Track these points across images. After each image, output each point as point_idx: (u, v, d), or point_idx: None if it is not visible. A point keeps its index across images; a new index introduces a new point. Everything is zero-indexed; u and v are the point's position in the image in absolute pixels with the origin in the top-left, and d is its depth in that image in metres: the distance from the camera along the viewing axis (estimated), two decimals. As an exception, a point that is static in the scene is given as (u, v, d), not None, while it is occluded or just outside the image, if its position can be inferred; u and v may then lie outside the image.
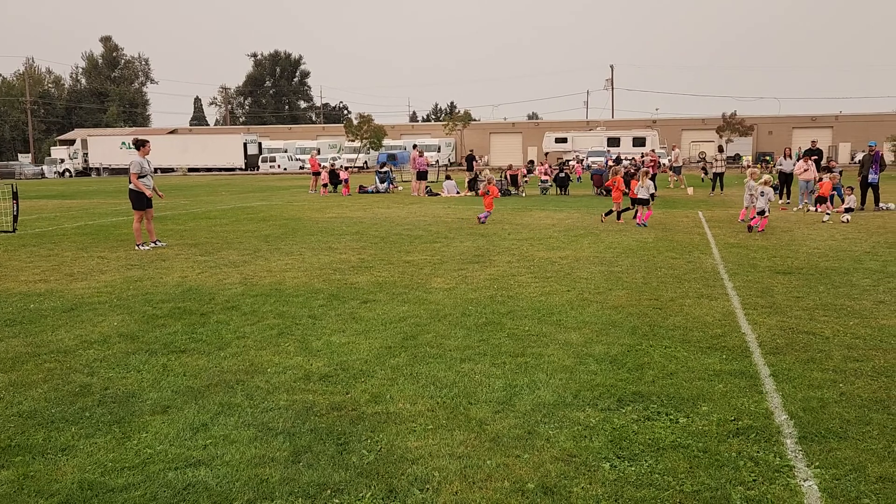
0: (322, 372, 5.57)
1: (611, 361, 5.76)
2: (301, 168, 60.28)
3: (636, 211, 16.48)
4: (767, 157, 51.90)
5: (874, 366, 5.57)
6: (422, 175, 27.34)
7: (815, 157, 22.00)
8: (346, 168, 32.57)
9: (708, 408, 4.73)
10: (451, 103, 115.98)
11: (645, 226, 15.71)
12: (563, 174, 28.77)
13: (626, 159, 39.67)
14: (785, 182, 21.27)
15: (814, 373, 5.41)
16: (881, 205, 19.40)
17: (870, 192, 19.59)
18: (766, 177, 15.99)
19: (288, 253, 12.00)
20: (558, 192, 27.96)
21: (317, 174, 30.38)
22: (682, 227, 15.48)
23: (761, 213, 14.81)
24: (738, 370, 5.50)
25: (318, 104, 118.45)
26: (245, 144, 66.00)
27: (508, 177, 28.18)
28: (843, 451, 4.04)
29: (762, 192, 15.03)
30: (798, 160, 22.83)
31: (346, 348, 6.21)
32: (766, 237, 13.64)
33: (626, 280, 9.25)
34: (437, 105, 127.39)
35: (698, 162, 63.01)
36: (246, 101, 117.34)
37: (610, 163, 27.53)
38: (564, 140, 62.09)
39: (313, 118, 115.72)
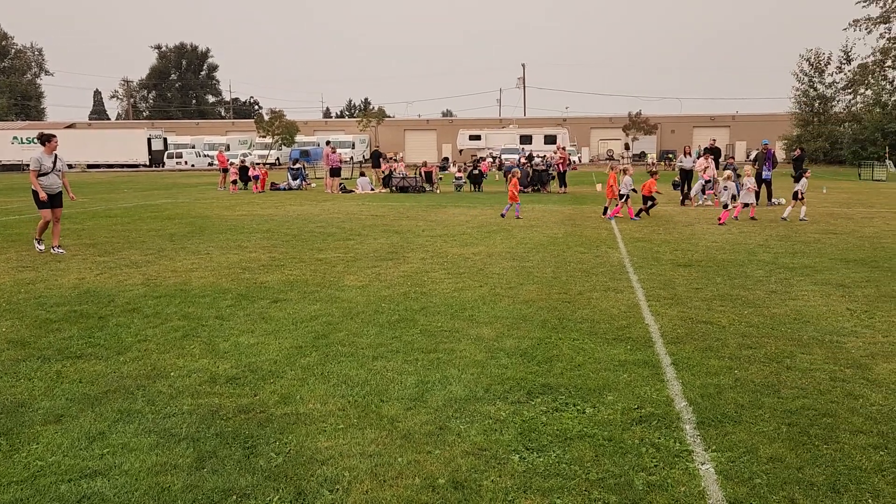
0: (229, 374, 5.41)
1: (521, 355, 5.85)
2: (210, 165, 58.45)
3: (615, 205, 17.18)
4: (670, 155, 54.14)
5: (766, 352, 5.88)
6: (335, 172, 27.02)
7: (714, 155, 23.11)
8: (258, 165, 31.77)
9: (613, 397, 4.88)
10: (366, 100, 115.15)
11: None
12: (476, 171, 29.05)
13: (536, 156, 40.49)
14: (685, 179, 22.18)
15: (711, 360, 5.67)
16: (773, 200, 20.56)
17: (763, 188, 20.70)
18: (727, 172, 17.15)
19: (194, 252, 11.60)
20: (472, 188, 28.23)
21: (226, 171, 29.51)
22: (590, 223, 15.93)
23: (725, 206, 16.07)
24: (641, 360, 5.70)
25: (228, 99, 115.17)
26: (149, 140, 63.42)
27: (423, 174, 28.22)
28: (738, 434, 4.25)
29: (724, 186, 16.37)
30: (698, 158, 23.91)
31: (254, 349, 6.05)
32: (668, 232, 14.20)
33: (536, 275, 9.42)
34: (351, 101, 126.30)
35: (607, 159, 65.03)
36: (150, 95, 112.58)
37: (519, 163, 28.04)
38: (478, 138, 62.81)
39: (222, 113, 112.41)
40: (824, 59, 54.34)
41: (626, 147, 29.18)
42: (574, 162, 52.98)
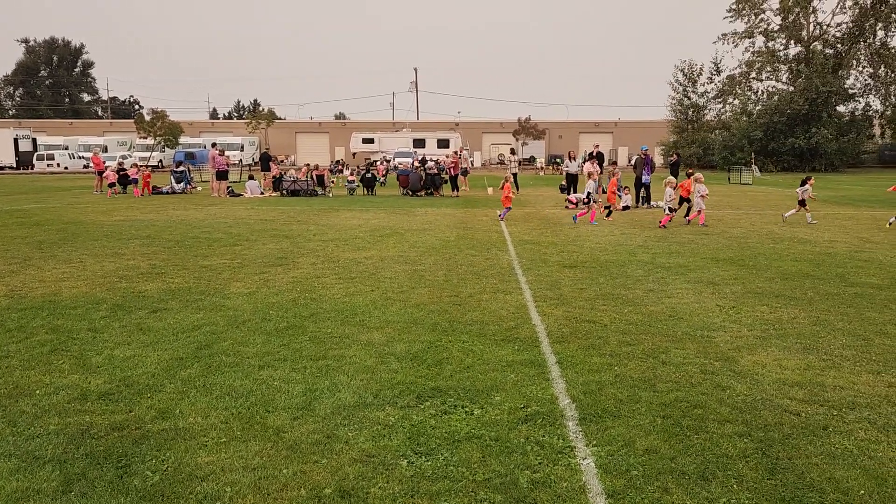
0: (102, 390, 5.10)
1: (412, 359, 5.86)
2: (85, 167, 55.08)
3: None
4: (557, 160, 55.96)
5: (644, 348, 6.17)
6: (222, 175, 26.12)
7: (598, 160, 24.08)
8: (138, 167, 30.23)
9: (501, 397, 4.96)
10: (255, 101, 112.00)
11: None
12: (369, 175, 28.91)
13: (430, 160, 40.81)
14: (571, 182, 22.97)
15: (593, 358, 5.88)
16: (652, 203, 21.65)
17: (643, 191, 21.76)
18: (697, 174, 17.53)
19: (66, 260, 10.88)
20: (365, 192, 28.07)
21: (102, 173, 27.91)
22: (482, 226, 16.19)
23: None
24: (528, 360, 5.83)
25: (105, 98, 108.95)
26: (16, 140, 59.01)
27: (314, 177, 27.78)
28: (617, 428, 4.42)
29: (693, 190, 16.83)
30: (584, 162, 24.84)
31: (130, 362, 5.74)
32: (555, 234, 14.65)
33: (428, 278, 9.47)
34: (239, 102, 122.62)
35: (498, 163, 66.39)
36: (16, 92, 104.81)
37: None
38: (371, 141, 62.55)
39: (99, 113, 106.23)
40: (697, 70, 57.84)
41: (513, 151, 29.85)
42: (466, 165, 53.85)
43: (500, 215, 17.62)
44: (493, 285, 9.00)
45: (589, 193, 17.72)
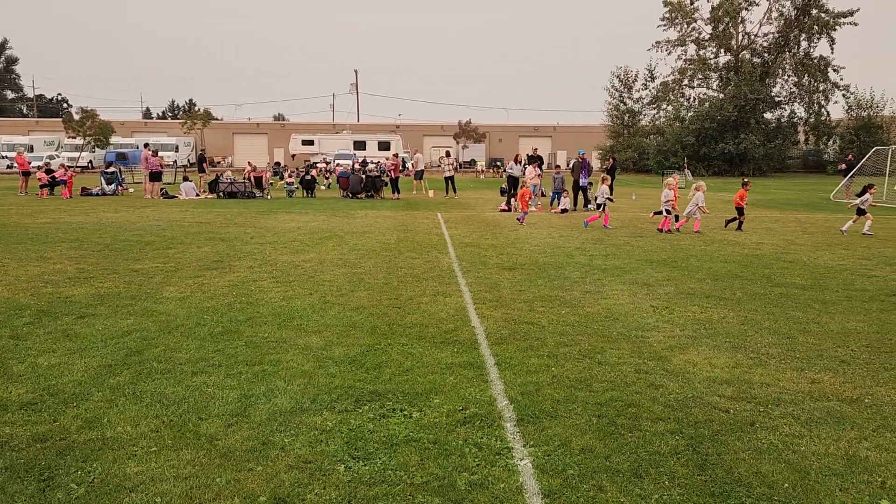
0: (24, 400, 4.87)
1: (350, 362, 5.80)
2: (9, 167, 52.69)
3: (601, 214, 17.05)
4: (498, 163, 56.50)
5: (580, 349, 6.27)
6: (155, 176, 25.39)
7: (538, 163, 24.39)
8: (66, 167, 29.08)
9: (440, 400, 4.96)
10: (190, 100, 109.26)
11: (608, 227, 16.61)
12: (308, 176, 28.56)
13: (371, 162, 40.60)
14: (513, 186, 23.18)
15: (531, 359, 5.94)
16: (590, 206, 22.05)
17: (581, 194, 22.16)
18: (670, 179, 17.34)
19: (-13, 264, 10.37)
20: (304, 194, 27.72)
21: (26, 174, 26.76)
22: (423, 229, 16.20)
23: (668, 212, 16.22)
24: (467, 362, 5.85)
25: (31, 96, 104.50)
26: (-68, 138, 56.03)
27: (252, 179, 27.29)
28: (554, 428, 4.48)
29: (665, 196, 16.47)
30: (525, 166, 25.10)
31: (55, 370, 5.51)
32: (495, 236, 14.77)
33: (368, 281, 9.41)
34: (174, 102, 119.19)
35: (438, 166, 66.50)
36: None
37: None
38: (311, 142, 61.78)
39: (25, 111, 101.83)
40: (632, 76, 59.29)
41: (448, 154, 29.91)
42: (408, 167, 53.80)
43: (518, 219, 17.48)
44: (434, 288, 9.00)
45: (597, 197, 17.36)
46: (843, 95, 55.34)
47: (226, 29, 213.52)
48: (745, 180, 17.94)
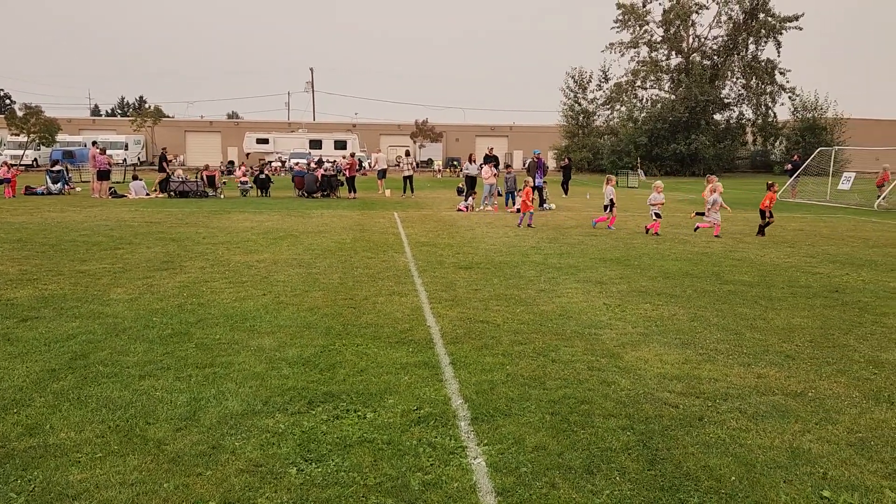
0: (-40, 407, 4.69)
1: (304, 364, 5.74)
2: (-52, 165, 50.69)
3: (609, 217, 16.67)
4: (455, 162, 56.61)
5: (535, 347, 6.32)
6: (103, 175, 24.74)
7: (494, 163, 24.51)
8: (9, 165, 28.12)
9: (394, 400, 4.94)
10: (140, 97, 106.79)
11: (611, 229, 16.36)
12: (263, 175, 28.17)
13: (327, 161, 40.27)
14: (470, 185, 23.28)
15: (486, 358, 5.96)
16: (545, 205, 22.26)
17: (535, 193, 22.34)
18: (658, 182, 16.64)
19: (-78, 266, 9.96)
20: (259, 193, 27.34)
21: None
22: (379, 228, 16.12)
23: (658, 215, 15.62)
24: (422, 361, 5.84)
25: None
26: None
27: (205, 178, 26.80)
28: (508, 427, 4.50)
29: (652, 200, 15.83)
30: (483, 165, 25.20)
31: (-5, 376, 5.31)
32: (451, 236, 14.79)
33: (323, 281, 9.32)
34: (123, 99, 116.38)
35: (395, 165, 66.35)
36: None
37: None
38: (266, 141, 60.97)
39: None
40: (587, 77, 60.07)
41: (407, 153, 29.92)
42: (365, 167, 53.50)
43: (520, 222, 16.83)
44: (389, 287, 8.97)
45: (612, 199, 16.75)
46: (789, 98, 57.04)
47: (177, 25, 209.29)
48: (771, 182, 16.71)
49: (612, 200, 16.77)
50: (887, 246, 13.86)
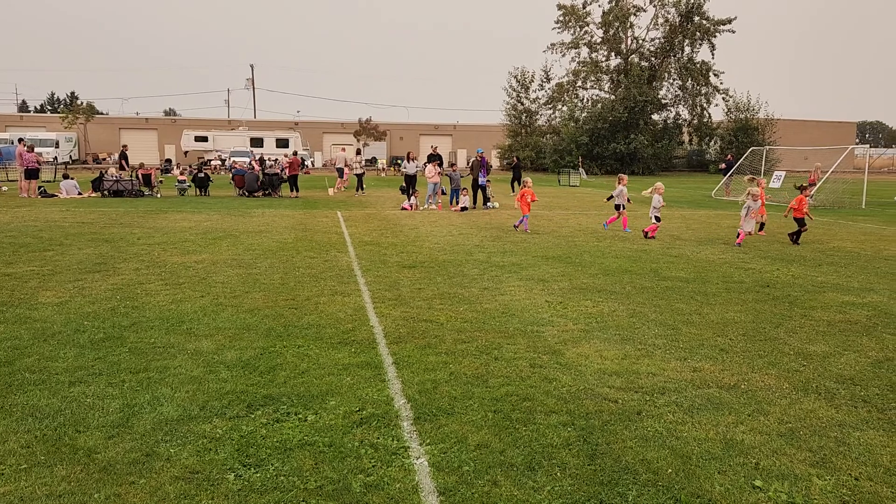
0: None
1: (243, 366, 5.62)
2: None
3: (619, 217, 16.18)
4: (399, 161, 56.42)
5: (478, 345, 6.34)
6: (31, 173, 23.75)
7: (438, 161, 24.54)
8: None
9: (336, 402, 4.88)
10: (72, 93, 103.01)
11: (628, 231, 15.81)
12: (202, 174, 27.52)
13: (269, 160, 39.59)
14: (410, 184, 23.22)
15: (430, 357, 5.95)
16: (489, 204, 22.39)
17: (480, 192, 22.45)
18: (658, 184, 15.54)
19: None
20: (198, 192, 26.69)
21: None
22: (322, 228, 15.94)
23: (658, 219, 14.92)
24: (365, 362, 5.79)
25: None
26: None
27: (140, 176, 26.02)
28: (450, 425, 4.49)
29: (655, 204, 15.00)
30: (426, 164, 25.19)
31: (-89, 386, 5.03)
32: (395, 235, 14.73)
33: (263, 282, 9.15)
34: (54, 95, 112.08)
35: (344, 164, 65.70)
36: None
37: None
38: (205, 139, 59.60)
39: None
40: (529, 77, 60.65)
41: (358, 152, 29.78)
42: (307, 166, 52.88)
43: (515, 225, 16.27)
44: (332, 287, 8.87)
45: (618, 198, 16.22)
46: (723, 99, 58.82)
47: (111, 19, 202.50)
48: (802, 185, 15.66)
49: (627, 199, 16.22)
50: (815, 242, 14.43)
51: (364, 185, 28.80)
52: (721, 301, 8.39)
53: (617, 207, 16.31)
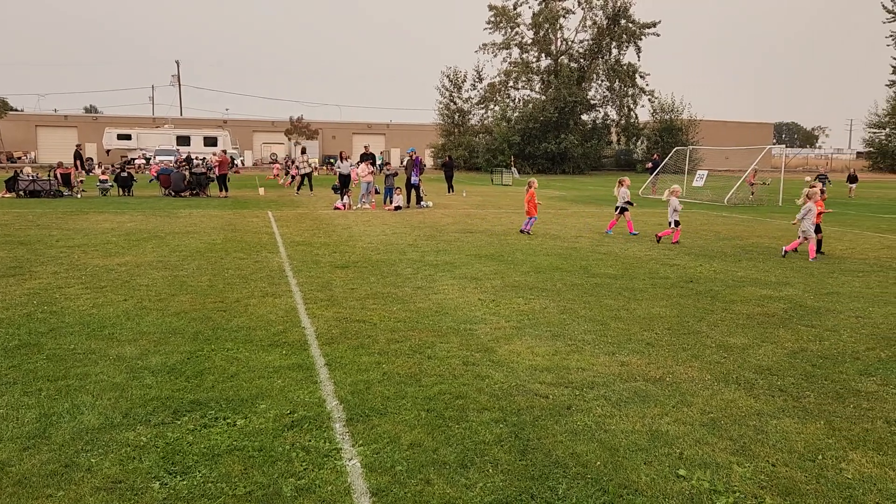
0: None
1: (169, 372, 5.45)
2: None
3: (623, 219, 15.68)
4: (332, 160, 55.84)
5: (411, 344, 6.33)
6: (-61, 173, 22.43)
7: (371, 161, 24.41)
8: None
9: (266, 405, 4.79)
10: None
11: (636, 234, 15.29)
12: (125, 174, 26.56)
13: (196, 159, 38.54)
14: (344, 184, 23.02)
15: (362, 357, 5.91)
16: (422, 203, 22.41)
17: (413, 192, 22.44)
18: (674, 186, 14.84)
19: None
20: (121, 192, 25.76)
21: None
22: (252, 228, 15.62)
23: (677, 223, 14.07)
24: (296, 364, 5.71)
25: None
26: None
27: (59, 176, 24.92)
28: (383, 425, 4.47)
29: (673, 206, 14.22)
30: (360, 164, 25.00)
31: None
32: (328, 234, 14.57)
33: (191, 284, 8.91)
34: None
35: (271, 163, 64.67)
36: None
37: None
38: (128, 137, 57.55)
39: None
40: (462, 77, 61.00)
41: (304, 151, 29.32)
42: (237, 164, 51.72)
43: (522, 229, 15.26)
44: (262, 289, 8.70)
45: (628, 202, 15.67)
46: (649, 100, 60.57)
47: (28, 10, 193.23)
48: (823, 189, 13.95)
49: (627, 202, 15.62)
50: (735, 238, 15.02)
51: (312, 185, 28.40)
52: (648, 297, 8.63)
53: (619, 210, 15.73)
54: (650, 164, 34.58)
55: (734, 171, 29.92)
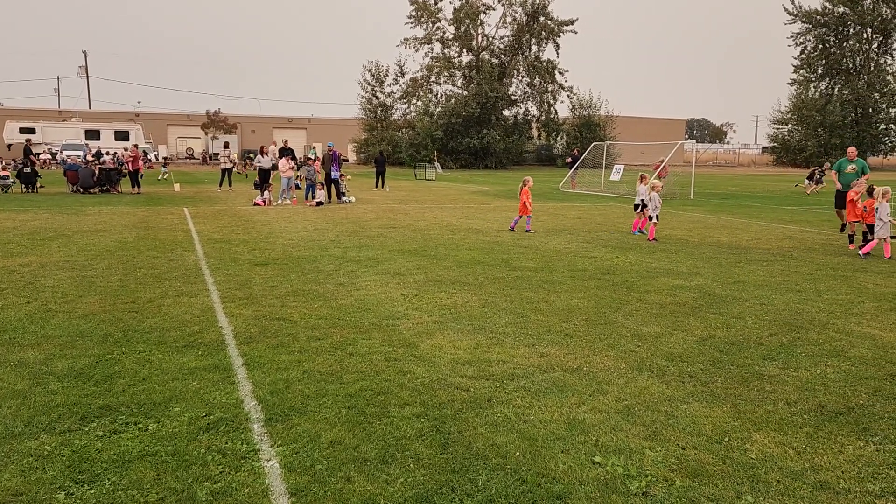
0: None
1: (76, 376, 5.21)
2: None
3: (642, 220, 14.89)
4: (251, 155, 54.56)
5: (332, 342, 6.26)
6: None
7: (290, 156, 24.02)
8: None
9: (180, 408, 4.64)
10: None
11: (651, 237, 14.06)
12: (28, 169, 25.17)
13: (106, 153, 36.92)
14: (264, 179, 22.55)
15: (282, 356, 5.81)
16: (344, 198, 22.20)
17: (334, 187, 22.19)
18: (654, 182, 14.67)
19: None
20: (24, 189, 24.40)
21: None
22: (167, 225, 15.10)
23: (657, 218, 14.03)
24: (213, 364, 5.55)
25: None
26: None
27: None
28: (303, 425, 4.41)
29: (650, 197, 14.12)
30: (280, 159, 24.53)
31: None
32: (247, 231, 14.24)
33: (100, 284, 8.53)
34: None
35: (187, 158, 62.69)
36: None
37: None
38: (32, 130, 54.53)
39: None
40: (384, 71, 60.70)
41: (226, 145, 28.42)
42: (151, 160, 49.81)
43: (511, 227, 15.15)
44: (177, 288, 8.43)
45: (643, 201, 14.90)
46: (568, 96, 61.98)
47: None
48: (872, 186, 12.75)
49: (643, 201, 14.95)
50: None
51: (231, 181, 27.64)
52: (566, 288, 8.82)
53: (636, 207, 15.32)
54: (570, 159, 35.34)
55: (649, 166, 30.98)
